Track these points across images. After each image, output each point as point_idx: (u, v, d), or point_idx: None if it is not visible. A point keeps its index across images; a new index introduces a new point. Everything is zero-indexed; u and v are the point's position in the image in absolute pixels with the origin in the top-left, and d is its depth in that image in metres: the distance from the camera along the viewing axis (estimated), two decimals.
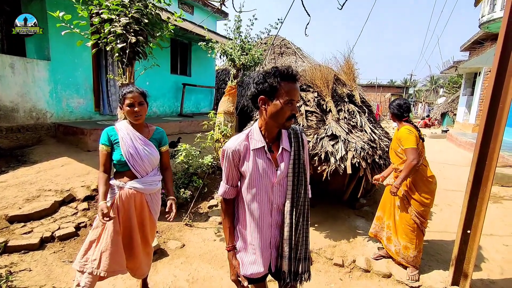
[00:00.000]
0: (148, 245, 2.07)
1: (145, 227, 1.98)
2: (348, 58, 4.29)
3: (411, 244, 2.59)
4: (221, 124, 4.75)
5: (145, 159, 1.87)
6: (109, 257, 1.78)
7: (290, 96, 1.21)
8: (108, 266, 1.78)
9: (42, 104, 5.40)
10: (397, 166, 2.67)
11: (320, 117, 3.71)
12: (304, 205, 1.34)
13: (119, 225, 1.85)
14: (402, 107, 2.63)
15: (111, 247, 1.79)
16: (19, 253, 2.59)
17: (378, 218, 2.94)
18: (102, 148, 1.85)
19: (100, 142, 1.87)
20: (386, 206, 2.86)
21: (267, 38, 9.92)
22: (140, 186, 1.87)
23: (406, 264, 2.65)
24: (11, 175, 3.98)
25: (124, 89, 1.90)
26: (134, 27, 3.03)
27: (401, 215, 2.67)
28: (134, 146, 1.85)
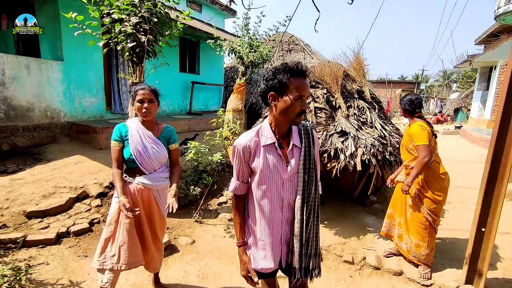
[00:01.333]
0: (158, 241, 2.09)
1: (154, 222, 2.01)
2: (357, 54, 4.23)
3: (423, 242, 2.56)
4: (230, 122, 4.78)
5: (153, 157, 1.89)
6: (128, 250, 1.83)
7: (300, 92, 1.20)
8: (128, 259, 1.84)
9: (56, 104, 5.54)
10: (408, 162, 2.63)
11: (329, 114, 3.68)
12: (314, 202, 1.34)
13: (133, 219, 1.87)
14: (413, 103, 2.58)
15: (128, 240, 1.83)
16: (37, 247, 2.69)
17: (389, 216, 2.91)
18: (114, 144, 1.88)
19: (112, 139, 1.90)
20: (397, 203, 2.82)
21: (275, 35, 9.88)
22: (147, 182, 1.90)
23: (417, 262, 2.62)
24: (28, 172, 4.11)
25: (137, 86, 1.93)
26: (144, 26, 3.07)
27: (412, 213, 2.63)
28: (143, 144, 1.87)
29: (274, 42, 10.24)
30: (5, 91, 4.76)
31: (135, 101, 1.89)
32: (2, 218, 2.93)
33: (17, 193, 3.41)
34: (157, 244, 2.08)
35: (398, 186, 2.80)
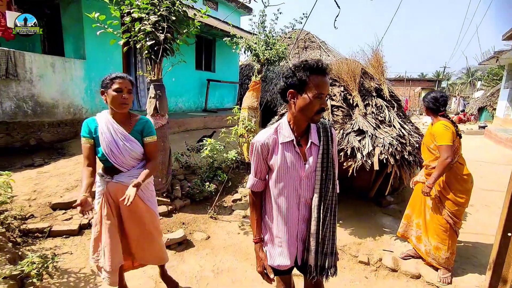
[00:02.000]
0: (154, 241, 1.95)
1: (142, 219, 1.86)
2: (376, 51, 4.13)
3: (443, 244, 2.48)
4: (245, 119, 4.80)
5: (126, 155, 1.74)
6: (110, 252, 1.75)
7: (319, 90, 1.20)
8: (111, 261, 1.76)
9: (78, 101, 5.76)
10: (428, 162, 2.55)
11: (346, 112, 3.62)
12: (332, 200, 1.34)
13: (113, 219, 1.78)
14: (438, 101, 2.47)
15: (110, 242, 1.75)
16: (61, 237, 2.82)
17: (407, 216, 2.83)
18: (83, 141, 1.73)
19: (81, 134, 1.74)
20: (416, 204, 2.74)
21: (291, 32, 9.79)
22: (126, 180, 1.74)
23: (437, 265, 2.54)
24: (52, 166, 4.30)
25: (112, 74, 1.74)
26: (162, 24, 3.13)
27: (432, 214, 2.55)
28: (115, 141, 1.71)
29: (290, 39, 10.15)
30: (33, 89, 5.00)
31: (109, 89, 1.69)
32: (30, 209, 3.10)
33: (43, 185, 3.59)
34: (153, 243, 1.95)
35: (417, 187, 2.72)
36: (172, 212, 3.54)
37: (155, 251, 1.98)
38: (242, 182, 4.56)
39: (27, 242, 2.66)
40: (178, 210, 3.60)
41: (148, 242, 1.91)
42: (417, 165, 3.29)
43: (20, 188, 3.39)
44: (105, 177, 1.78)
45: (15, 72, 4.68)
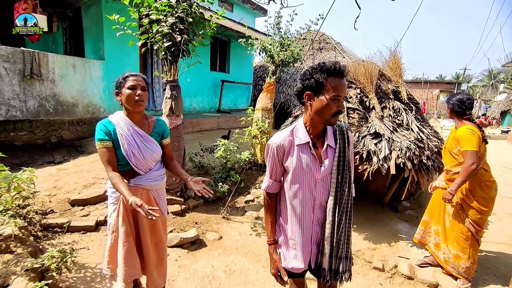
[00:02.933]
0: (162, 250, 1.87)
1: (158, 228, 1.80)
2: (394, 52, 4.04)
3: (463, 253, 2.38)
4: (259, 121, 4.80)
5: (147, 157, 1.68)
6: (125, 262, 1.68)
7: (336, 92, 1.18)
8: (125, 271, 1.68)
9: (97, 100, 5.93)
10: (450, 167, 2.45)
11: (362, 115, 3.55)
12: (347, 203, 1.32)
13: (130, 227, 1.71)
14: (464, 103, 2.33)
15: (125, 252, 1.68)
16: (79, 233, 2.90)
17: (424, 222, 2.74)
18: (103, 145, 1.58)
19: (97, 138, 1.59)
20: (434, 210, 2.65)
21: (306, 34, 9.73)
22: (144, 182, 1.70)
23: (456, 275, 2.45)
24: (72, 163, 4.44)
25: (125, 73, 1.69)
26: (179, 26, 3.18)
27: (452, 222, 2.46)
28: (136, 143, 1.64)
29: (304, 40, 10.10)
30: (55, 88, 5.19)
31: (123, 88, 1.63)
32: (51, 204, 3.21)
33: (63, 182, 3.71)
34: (162, 253, 1.86)
35: (437, 192, 2.62)
36: (185, 211, 3.58)
37: (161, 262, 1.88)
38: (255, 183, 4.56)
39: (47, 237, 2.76)
40: (191, 209, 3.64)
41: (159, 250, 1.84)
42: (436, 170, 3.19)
43: (41, 184, 3.52)
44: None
45: (39, 72, 4.87)
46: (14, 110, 4.69)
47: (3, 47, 4.57)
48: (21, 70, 4.70)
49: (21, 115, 4.79)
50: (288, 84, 9.67)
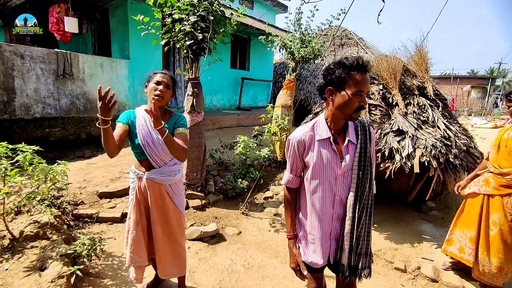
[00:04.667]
0: (176, 242, 1.90)
1: (170, 221, 1.85)
2: (420, 46, 3.88)
3: (509, 265, 2.19)
4: (279, 118, 4.80)
5: (159, 149, 1.75)
6: (133, 249, 1.81)
7: (359, 87, 1.17)
8: (130, 259, 1.82)
9: (122, 98, 6.20)
10: (509, 170, 2.12)
11: (385, 111, 3.46)
12: (368, 200, 1.31)
13: (139, 216, 1.82)
14: None
15: (132, 239, 1.81)
16: (106, 223, 3.07)
17: (471, 239, 2.38)
18: (118, 125, 1.73)
19: (117, 120, 1.74)
20: (470, 217, 2.37)
21: (327, 30, 9.54)
22: (158, 176, 1.76)
23: (491, 284, 2.29)
24: (99, 158, 4.69)
25: (157, 71, 1.81)
26: (201, 24, 3.24)
27: (502, 231, 2.18)
28: (150, 134, 1.73)
29: (325, 36, 9.91)
30: (84, 87, 5.48)
31: (150, 82, 1.74)
32: (81, 196, 3.41)
33: (92, 175, 3.93)
34: (174, 245, 1.90)
35: (474, 201, 2.35)
36: (206, 206, 3.67)
37: (175, 253, 1.92)
38: (274, 180, 4.58)
39: (78, 226, 2.94)
40: (211, 204, 3.73)
41: (171, 242, 1.89)
42: (464, 170, 3.04)
43: (73, 177, 3.75)
44: (138, 172, 1.80)
45: (70, 72, 5.17)
46: (49, 108, 5.02)
47: (39, 49, 4.89)
48: (55, 70, 5.01)
49: (55, 112, 5.11)
50: (309, 81, 9.56)
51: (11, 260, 2.04)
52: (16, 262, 2.03)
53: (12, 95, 4.59)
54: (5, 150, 2.05)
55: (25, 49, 4.71)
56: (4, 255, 2.08)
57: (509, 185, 2.13)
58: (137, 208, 1.80)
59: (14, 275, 1.92)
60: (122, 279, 2.27)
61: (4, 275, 1.91)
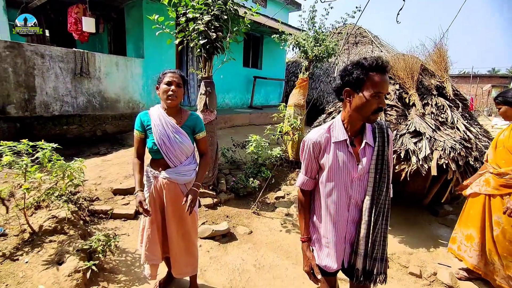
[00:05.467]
0: (190, 241, 1.93)
1: (185, 220, 1.87)
2: (439, 45, 3.75)
3: None
4: (291, 117, 4.76)
5: (176, 147, 1.76)
6: (148, 247, 1.85)
7: (377, 89, 1.14)
8: (145, 256, 1.86)
9: (136, 96, 6.31)
10: (506, 170, 2.15)
11: (401, 112, 3.37)
12: (384, 204, 1.27)
13: (155, 215, 1.84)
14: None
15: (147, 237, 1.85)
16: (121, 220, 3.13)
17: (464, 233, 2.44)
18: (136, 134, 1.81)
19: (134, 128, 1.82)
20: (474, 220, 2.35)
21: (342, 28, 9.38)
22: (173, 176, 1.78)
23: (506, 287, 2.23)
24: (114, 155, 4.79)
25: (166, 70, 1.82)
26: (214, 23, 3.25)
27: (505, 231, 2.18)
28: (166, 133, 1.75)
29: (339, 35, 9.76)
30: (100, 85, 5.61)
31: (161, 83, 1.76)
32: (96, 192, 3.50)
33: (106, 172, 4.02)
34: (188, 245, 1.93)
35: (475, 200, 2.34)
36: (217, 205, 3.68)
37: (189, 252, 1.95)
38: (285, 180, 4.55)
39: (94, 221, 3.02)
40: (223, 203, 3.74)
41: (186, 241, 1.91)
42: None
43: (88, 173, 3.84)
44: (153, 172, 1.81)
45: (87, 71, 5.30)
46: (66, 106, 5.17)
47: (58, 48, 5.03)
48: (73, 69, 5.15)
49: (72, 110, 5.26)
50: (321, 80, 9.45)
51: (31, 254, 2.11)
52: (35, 256, 2.10)
53: (32, 93, 4.75)
54: (26, 147, 2.12)
55: (45, 49, 4.86)
56: (24, 248, 2.16)
57: (508, 185, 2.14)
58: (152, 207, 1.82)
59: (33, 268, 1.98)
60: (135, 275, 2.31)
61: (25, 267, 1.98)
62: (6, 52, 4.45)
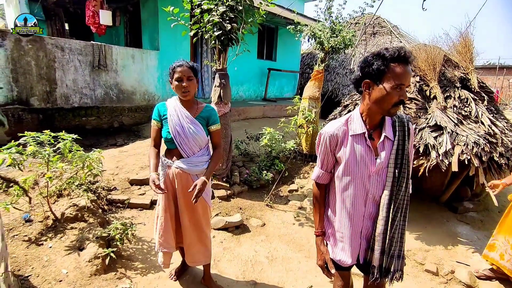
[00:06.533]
0: (201, 231, 1.96)
1: (196, 210, 1.90)
2: (465, 34, 3.55)
3: None
4: (305, 110, 4.69)
5: (190, 138, 1.79)
6: (161, 235, 1.90)
7: (399, 80, 1.09)
8: (159, 244, 1.92)
9: (152, 88, 6.39)
10: None
11: (421, 105, 3.24)
12: (403, 200, 1.24)
13: (168, 203, 1.88)
14: None
15: (161, 225, 1.90)
16: (137, 209, 3.22)
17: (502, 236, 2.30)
18: (153, 124, 1.86)
19: (152, 117, 1.87)
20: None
21: (359, 18, 9.07)
22: (185, 166, 1.80)
23: None
24: (130, 146, 4.90)
25: (174, 63, 1.80)
26: (229, 14, 3.21)
27: None
28: (181, 123, 1.78)
29: (356, 25, 9.45)
30: (117, 78, 5.72)
31: (173, 79, 1.77)
32: (114, 182, 3.60)
33: (123, 163, 4.12)
34: (200, 234, 1.96)
35: None
36: (231, 196, 3.72)
37: (202, 241, 1.98)
38: (299, 173, 4.53)
39: (112, 210, 3.12)
40: (236, 195, 3.77)
41: (197, 231, 1.95)
42: (510, 170, 2.80)
43: (106, 164, 3.95)
44: (167, 161, 1.84)
45: (104, 63, 5.41)
46: (85, 98, 5.31)
47: (77, 41, 5.15)
48: (91, 62, 5.27)
49: (91, 102, 5.40)
50: (337, 72, 9.23)
51: (54, 239, 2.21)
52: (58, 241, 2.20)
53: (54, 86, 4.91)
54: (48, 138, 2.19)
55: (65, 42, 4.98)
56: (48, 234, 2.27)
57: None
58: (165, 195, 1.86)
59: (56, 253, 2.08)
60: (151, 263, 2.38)
61: (49, 252, 2.08)
62: (29, 45, 4.59)
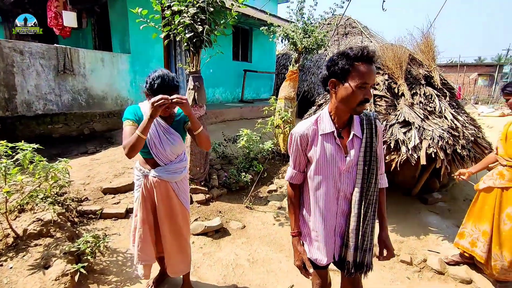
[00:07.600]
0: (182, 239, 1.89)
1: (176, 218, 1.83)
2: (427, 34, 3.75)
3: None
4: (281, 110, 4.73)
5: (167, 149, 1.71)
6: (140, 247, 1.81)
7: (363, 79, 1.11)
8: (138, 257, 1.82)
9: (124, 93, 6.16)
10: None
11: (390, 102, 3.38)
12: (373, 196, 1.27)
13: (146, 214, 1.80)
14: None
15: (139, 237, 1.80)
16: (111, 219, 3.07)
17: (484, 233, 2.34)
18: (127, 123, 1.61)
19: (124, 118, 1.64)
20: (484, 213, 2.33)
21: (331, 19, 9.32)
22: (163, 174, 1.72)
23: (504, 279, 2.25)
24: (103, 154, 4.69)
25: (153, 73, 1.62)
26: (200, 16, 3.16)
27: None
28: (158, 134, 1.68)
29: (329, 26, 9.70)
30: (86, 82, 5.45)
31: (151, 96, 1.56)
32: (85, 192, 3.42)
33: (95, 171, 3.93)
34: (181, 243, 1.89)
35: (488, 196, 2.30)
36: (209, 200, 3.66)
37: (182, 250, 1.92)
38: (278, 173, 4.55)
39: (83, 222, 2.95)
40: (215, 198, 3.72)
41: (179, 240, 1.88)
42: (471, 160, 2.98)
43: (76, 173, 3.75)
44: (143, 170, 1.76)
45: (71, 67, 5.13)
46: (50, 104, 5.00)
47: (38, 44, 4.84)
48: (55, 66, 4.97)
49: (57, 108, 5.10)
50: (312, 71, 9.42)
51: (16, 259, 2.05)
52: (20, 261, 2.04)
53: (13, 92, 4.58)
54: (4, 149, 2.03)
55: (24, 45, 4.66)
56: (8, 253, 2.10)
57: None
58: (143, 206, 1.78)
59: (18, 273, 1.93)
60: (126, 275, 2.27)
61: (9, 273, 1.92)
62: None
